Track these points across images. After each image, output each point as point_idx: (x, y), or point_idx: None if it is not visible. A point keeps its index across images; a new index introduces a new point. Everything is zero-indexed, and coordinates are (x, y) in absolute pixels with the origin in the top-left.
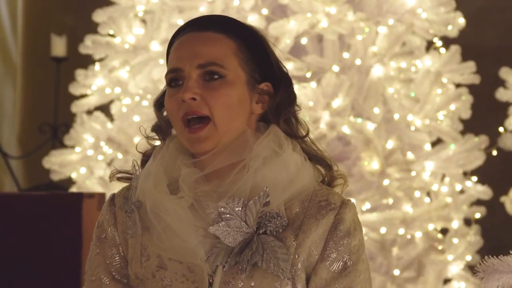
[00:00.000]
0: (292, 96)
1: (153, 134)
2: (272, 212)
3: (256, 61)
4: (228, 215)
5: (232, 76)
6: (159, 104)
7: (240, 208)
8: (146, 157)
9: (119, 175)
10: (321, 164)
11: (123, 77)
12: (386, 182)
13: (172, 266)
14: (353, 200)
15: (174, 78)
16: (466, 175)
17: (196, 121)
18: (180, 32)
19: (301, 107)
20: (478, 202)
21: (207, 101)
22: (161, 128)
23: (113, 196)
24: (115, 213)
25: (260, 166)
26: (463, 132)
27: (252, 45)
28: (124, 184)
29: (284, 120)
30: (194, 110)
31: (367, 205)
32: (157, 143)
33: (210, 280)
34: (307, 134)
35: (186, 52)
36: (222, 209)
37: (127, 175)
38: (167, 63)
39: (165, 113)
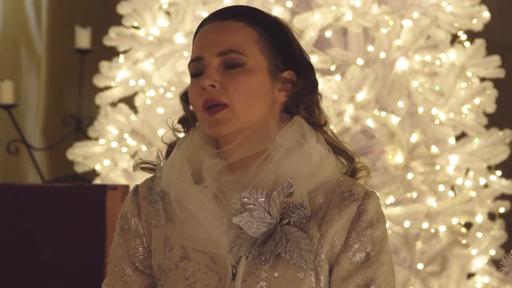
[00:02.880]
0: (314, 84)
1: (179, 126)
2: (295, 203)
3: (278, 49)
4: (251, 206)
5: (253, 64)
6: (185, 97)
7: (263, 199)
8: (171, 148)
9: (142, 165)
10: (343, 156)
11: (147, 69)
12: (410, 176)
13: (196, 256)
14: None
15: (196, 67)
16: (491, 169)
17: (215, 107)
18: (204, 23)
19: (325, 100)
20: (503, 197)
21: (226, 88)
22: (187, 121)
23: (137, 186)
24: (138, 204)
25: (283, 157)
26: (487, 126)
27: (274, 33)
28: (148, 175)
29: (305, 108)
30: (213, 97)
31: (391, 199)
32: (182, 135)
33: (234, 271)
34: (326, 123)
35: (206, 41)
36: (245, 199)
37: (151, 165)
38: None
39: (191, 106)
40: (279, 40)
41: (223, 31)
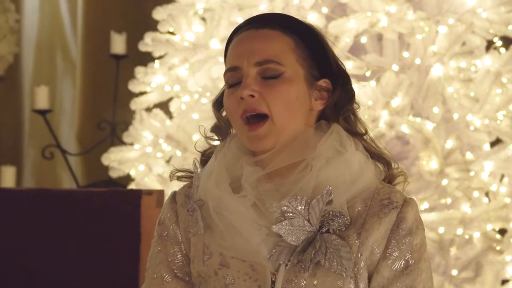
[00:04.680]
0: (351, 93)
1: (212, 134)
2: (335, 211)
3: (314, 57)
4: (291, 214)
5: (290, 73)
6: (218, 104)
7: (303, 207)
8: (205, 156)
9: (179, 174)
10: (380, 161)
11: (183, 74)
12: (444, 182)
13: (235, 264)
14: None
15: (233, 76)
16: None
17: (254, 119)
18: (238, 30)
19: (360, 106)
20: None
21: (265, 98)
22: (220, 128)
23: (174, 193)
24: (176, 211)
25: (323, 166)
26: None
27: (310, 41)
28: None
29: (344, 118)
30: (252, 107)
31: (425, 205)
32: (215, 143)
33: (273, 279)
34: (367, 131)
35: (243, 50)
36: (285, 207)
37: (188, 173)
38: (225, 61)
39: (224, 113)
40: (314, 48)
41: (260, 40)
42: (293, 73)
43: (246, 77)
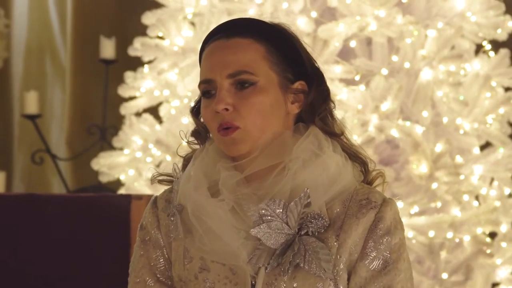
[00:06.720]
0: (326, 93)
1: (193, 139)
2: (313, 213)
3: (287, 60)
4: (269, 217)
5: (264, 81)
6: (195, 110)
7: (281, 210)
8: (186, 161)
9: (160, 178)
10: (357, 160)
11: (172, 79)
12: (434, 185)
13: (215, 268)
14: (400, 203)
15: (207, 88)
16: None
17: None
18: (210, 39)
19: (350, 110)
20: None
21: (239, 111)
22: (200, 133)
23: (156, 198)
24: (158, 216)
25: (300, 168)
26: None
27: (281, 45)
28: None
29: (320, 118)
30: (227, 120)
31: (415, 209)
32: (197, 147)
33: (253, 282)
34: (343, 132)
35: (215, 62)
36: (263, 211)
37: (169, 177)
38: (200, 66)
39: (202, 119)
40: (287, 51)
41: (231, 51)
42: (267, 81)
43: (219, 90)
